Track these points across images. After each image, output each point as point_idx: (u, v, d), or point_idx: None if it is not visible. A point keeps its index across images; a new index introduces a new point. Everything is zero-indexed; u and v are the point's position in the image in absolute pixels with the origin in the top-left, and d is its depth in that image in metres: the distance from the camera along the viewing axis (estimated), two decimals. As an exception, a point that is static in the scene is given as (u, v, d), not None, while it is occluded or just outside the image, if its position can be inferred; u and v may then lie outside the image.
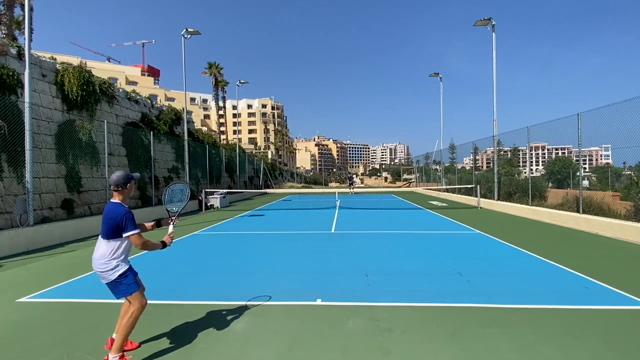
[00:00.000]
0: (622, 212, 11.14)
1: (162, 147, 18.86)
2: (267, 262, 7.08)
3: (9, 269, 6.89)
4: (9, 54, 10.39)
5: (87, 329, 4.00)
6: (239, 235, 10.58)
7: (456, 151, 25.70)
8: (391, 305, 4.58)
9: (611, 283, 5.37)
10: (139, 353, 3.44)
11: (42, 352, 3.48)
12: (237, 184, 30.91)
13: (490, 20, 17.60)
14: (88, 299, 4.97)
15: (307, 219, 13.86)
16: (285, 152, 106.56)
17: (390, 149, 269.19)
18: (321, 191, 37.43)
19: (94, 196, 12.97)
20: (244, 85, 32.67)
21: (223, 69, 45.20)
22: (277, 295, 5.04)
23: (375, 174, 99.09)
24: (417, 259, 7.15)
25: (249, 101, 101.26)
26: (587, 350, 3.39)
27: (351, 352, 3.41)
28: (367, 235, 9.96)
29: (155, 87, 68.53)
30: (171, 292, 5.27)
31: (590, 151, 61.75)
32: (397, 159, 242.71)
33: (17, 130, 9.56)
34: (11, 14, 18.29)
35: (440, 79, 28.01)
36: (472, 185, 19.72)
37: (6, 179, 9.58)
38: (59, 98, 12.16)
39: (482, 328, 3.87)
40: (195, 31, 18.95)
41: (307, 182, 70.04)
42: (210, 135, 34.73)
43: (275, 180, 48.76)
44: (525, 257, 7.28)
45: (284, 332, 3.85)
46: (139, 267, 7.14)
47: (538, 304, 4.56)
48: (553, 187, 17.28)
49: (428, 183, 32.87)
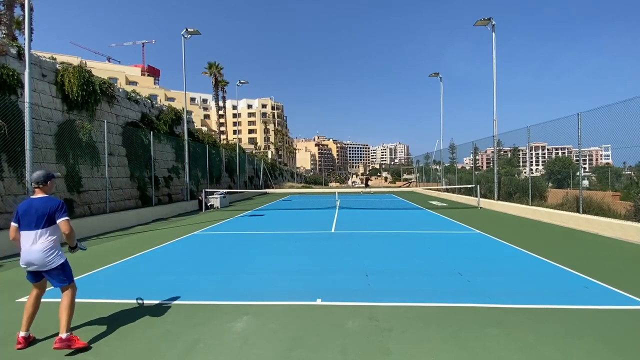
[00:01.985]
0: (622, 212, 11.14)
1: (162, 147, 18.86)
2: (267, 262, 7.08)
3: (9, 269, 6.89)
4: (9, 54, 10.39)
5: (87, 329, 3.99)
6: (239, 235, 10.58)
7: (456, 151, 25.70)
8: (391, 305, 4.58)
9: (611, 283, 5.37)
10: (139, 353, 3.43)
11: (42, 352, 3.48)
12: (237, 184, 30.91)
13: (490, 20, 17.60)
14: (88, 299, 4.97)
15: (307, 219, 13.86)
16: (285, 152, 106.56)
17: (390, 149, 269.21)
18: (321, 191, 37.45)
19: (94, 196, 12.97)
20: (244, 85, 32.68)
21: (223, 69, 45.28)
22: (277, 295, 5.04)
23: (375, 174, 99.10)
24: (417, 259, 7.15)
25: (249, 101, 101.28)
26: (587, 350, 3.39)
27: (351, 352, 3.41)
28: (367, 235, 9.97)
29: (155, 87, 68.54)
30: (171, 292, 5.26)
31: (590, 151, 61.69)
32: (397, 159, 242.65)
33: (17, 130, 9.55)
34: (11, 14, 18.31)
35: (440, 79, 28.02)
36: (472, 185, 19.71)
37: (6, 179, 9.57)
38: (59, 98, 12.15)
39: (482, 328, 3.87)
40: (195, 31, 18.95)
41: (307, 182, 70.06)
42: (210, 135, 34.74)
43: (275, 180, 48.76)
44: (525, 257, 7.28)
45: (284, 332, 3.85)
46: (139, 267, 7.16)
47: (538, 304, 4.56)
48: (553, 187, 17.28)
49: (428, 183, 32.87)
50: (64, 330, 3.46)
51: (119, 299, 4.98)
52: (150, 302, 4.83)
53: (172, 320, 4.19)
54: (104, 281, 5.95)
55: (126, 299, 4.96)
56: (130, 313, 4.44)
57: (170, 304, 4.74)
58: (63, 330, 3.46)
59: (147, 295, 5.08)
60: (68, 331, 3.48)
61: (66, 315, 3.50)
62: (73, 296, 3.62)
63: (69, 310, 3.53)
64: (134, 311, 4.51)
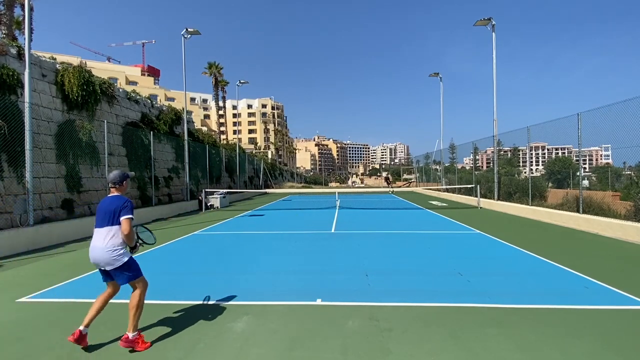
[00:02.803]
0: (622, 212, 11.14)
1: (162, 147, 18.86)
2: (267, 262, 7.08)
3: (9, 269, 6.89)
4: (9, 54, 10.39)
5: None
6: (239, 235, 10.58)
7: (456, 151, 25.71)
8: (391, 305, 4.58)
9: (611, 283, 5.37)
10: (138, 353, 3.43)
11: (42, 352, 3.48)
12: (237, 184, 30.91)
13: (490, 20, 17.60)
14: (88, 299, 4.97)
15: (307, 219, 13.86)
16: (285, 152, 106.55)
17: (390, 149, 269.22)
18: (321, 191, 37.44)
19: (94, 196, 12.97)
20: (243, 85, 32.68)
21: (223, 69, 45.26)
22: (277, 295, 5.04)
23: (375, 174, 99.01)
24: (417, 259, 7.15)
25: (249, 101, 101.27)
26: (587, 350, 3.39)
27: (351, 352, 3.41)
28: (367, 235, 9.96)
29: (155, 87, 68.54)
30: (171, 291, 5.27)
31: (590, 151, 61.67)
32: (397, 159, 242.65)
33: (17, 130, 9.56)
34: (11, 14, 18.31)
35: (440, 79, 28.03)
36: (472, 185, 19.71)
37: (6, 178, 9.57)
38: (59, 98, 12.15)
39: (482, 328, 3.87)
40: (195, 31, 18.95)
41: (307, 182, 70.06)
42: (210, 135, 34.73)
43: (275, 180, 48.76)
44: (525, 257, 7.28)
45: (284, 332, 3.85)
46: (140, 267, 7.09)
47: (538, 304, 4.56)
48: (553, 187, 17.28)
49: (428, 183, 32.88)
50: (131, 329, 3.45)
51: (119, 299, 4.97)
52: (150, 301, 4.83)
53: (172, 320, 4.19)
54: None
55: (126, 299, 4.95)
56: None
57: (170, 304, 4.74)
58: (130, 329, 3.45)
59: (147, 295, 5.06)
60: (135, 331, 3.46)
61: (133, 314, 3.48)
62: (141, 295, 3.60)
63: (136, 310, 3.51)
64: (134, 311, 4.51)
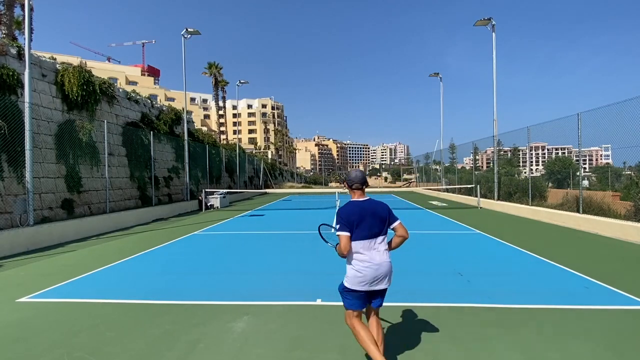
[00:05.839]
0: (622, 212, 11.13)
1: (162, 147, 18.86)
2: (267, 262, 7.08)
3: (9, 269, 6.89)
4: (9, 54, 10.38)
5: (87, 329, 3.99)
6: (239, 235, 10.58)
7: (456, 151, 25.72)
8: (391, 305, 4.57)
9: (611, 283, 5.36)
10: (138, 353, 3.43)
11: (42, 352, 3.47)
12: (237, 184, 30.91)
13: (490, 20, 17.60)
14: (88, 299, 4.98)
15: (307, 219, 13.86)
16: (285, 152, 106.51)
17: (390, 149, 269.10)
18: (321, 191, 37.43)
19: (94, 196, 12.97)
20: (243, 85, 32.69)
21: (223, 69, 45.19)
22: (277, 295, 5.03)
23: (375, 174, 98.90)
24: (417, 259, 7.14)
25: (249, 101, 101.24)
26: (587, 350, 3.39)
27: (351, 352, 3.41)
28: (367, 235, 9.94)
29: (155, 87, 68.52)
30: (171, 291, 5.27)
31: (590, 151, 61.74)
32: (397, 159, 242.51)
33: (17, 130, 9.56)
34: (11, 14, 18.28)
35: (440, 79, 28.03)
36: (472, 185, 19.72)
37: (6, 178, 9.57)
38: (59, 98, 12.15)
39: (482, 328, 3.87)
40: (195, 31, 18.95)
41: (307, 182, 70.01)
42: (210, 135, 34.71)
43: (275, 180, 48.76)
44: (525, 257, 7.28)
45: (284, 332, 3.85)
46: (139, 267, 7.15)
47: (538, 304, 4.55)
48: (553, 187, 17.28)
49: (428, 183, 32.88)
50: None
51: (119, 299, 4.98)
52: (150, 301, 4.83)
53: (172, 320, 4.18)
54: (104, 281, 5.95)
55: (126, 299, 4.96)
56: (130, 313, 4.44)
57: (170, 304, 4.74)
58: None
59: (147, 295, 5.08)
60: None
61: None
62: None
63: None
64: (134, 311, 4.51)
